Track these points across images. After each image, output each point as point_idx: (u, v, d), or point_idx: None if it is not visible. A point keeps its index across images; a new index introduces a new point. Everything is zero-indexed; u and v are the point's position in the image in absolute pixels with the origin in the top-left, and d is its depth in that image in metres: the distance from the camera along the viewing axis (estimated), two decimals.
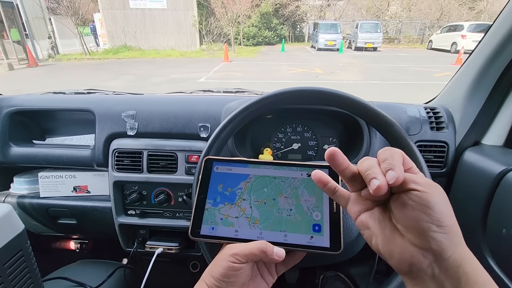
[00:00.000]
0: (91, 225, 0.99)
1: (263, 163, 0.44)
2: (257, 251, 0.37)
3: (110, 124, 0.89)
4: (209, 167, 0.44)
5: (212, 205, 0.42)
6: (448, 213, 0.27)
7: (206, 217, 0.41)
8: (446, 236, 0.27)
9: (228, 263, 0.36)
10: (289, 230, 0.40)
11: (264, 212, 0.41)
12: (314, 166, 0.43)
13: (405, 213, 0.28)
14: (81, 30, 11.63)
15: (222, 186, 0.43)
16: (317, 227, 0.40)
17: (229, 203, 0.42)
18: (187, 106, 0.90)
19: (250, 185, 0.42)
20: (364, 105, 0.57)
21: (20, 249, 0.62)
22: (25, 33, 10.39)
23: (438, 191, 0.28)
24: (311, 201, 0.41)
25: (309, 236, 0.40)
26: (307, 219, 0.40)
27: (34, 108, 0.95)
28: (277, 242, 0.39)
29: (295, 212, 0.41)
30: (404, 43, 18.04)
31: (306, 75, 7.71)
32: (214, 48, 13.37)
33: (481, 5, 17.41)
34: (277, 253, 0.37)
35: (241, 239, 0.39)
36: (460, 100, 0.82)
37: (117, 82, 6.73)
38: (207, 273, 0.38)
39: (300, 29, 20.16)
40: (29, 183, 0.98)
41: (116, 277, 0.93)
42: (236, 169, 0.44)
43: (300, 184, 0.42)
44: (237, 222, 0.41)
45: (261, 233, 0.40)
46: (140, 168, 0.86)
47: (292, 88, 0.59)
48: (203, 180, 0.43)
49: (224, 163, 0.44)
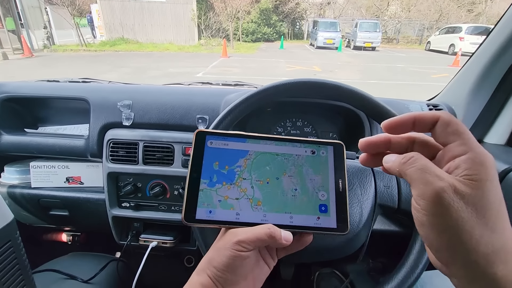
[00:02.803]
0: (83, 217, 0.97)
1: (264, 138, 0.39)
2: (265, 236, 0.33)
3: (105, 114, 0.87)
4: (202, 141, 0.38)
5: (208, 186, 0.37)
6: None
7: (201, 199, 0.36)
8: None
9: (234, 252, 0.33)
10: (294, 212, 0.37)
11: (267, 193, 0.38)
12: (318, 143, 0.40)
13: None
14: (78, 21, 11.46)
15: (219, 163, 0.38)
16: (324, 207, 0.38)
17: (227, 183, 0.37)
18: (185, 97, 0.88)
19: (250, 163, 0.38)
20: (367, 98, 0.55)
21: (9, 239, 0.59)
22: (20, 22, 10.20)
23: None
24: (316, 180, 0.39)
25: (316, 217, 0.38)
26: (313, 200, 0.38)
27: (27, 95, 0.92)
28: (283, 225, 0.36)
29: (301, 192, 0.38)
30: (403, 44, 18.09)
31: (304, 73, 7.69)
32: (213, 43, 13.27)
33: (479, 7, 17.51)
34: (285, 237, 0.35)
35: (243, 223, 0.36)
36: (463, 98, 0.81)
37: (114, 75, 6.65)
38: (207, 263, 0.34)
39: (299, 26, 20.10)
40: (20, 173, 0.95)
41: (108, 270, 0.91)
42: (233, 144, 0.39)
43: (305, 162, 0.39)
44: (238, 204, 0.37)
45: (265, 215, 0.37)
46: (136, 160, 0.84)
47: (293, 79, 0.57)
48: (195, 157, 0.37)
49: (219, 137, 0.39)
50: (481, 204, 0.23)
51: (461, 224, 0.22)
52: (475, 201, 0.23)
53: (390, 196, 0.59)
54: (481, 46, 0.79)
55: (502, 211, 0.23)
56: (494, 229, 0.22)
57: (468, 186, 0.23)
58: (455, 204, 0.23)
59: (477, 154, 0.24)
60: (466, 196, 0.23)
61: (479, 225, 0.22)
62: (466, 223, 0.22)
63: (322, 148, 0.40)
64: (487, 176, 0.23)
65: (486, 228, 0.22)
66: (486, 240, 0.22)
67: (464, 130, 0.25)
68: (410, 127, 0.28)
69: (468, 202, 0.23)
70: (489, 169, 0.23)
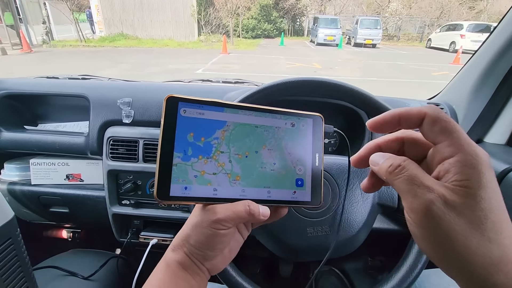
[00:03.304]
0: (84, 214, 0.97)
1: (243, 107, 0.36)
2: (244, 214, 0.33)
3: (105, 111, 0.86)
4: (174, 109, 0.33)
5: (182, 160, 0.33)
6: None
7: (175, 175, 0.33)
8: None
9: (214, 230, 0.32)
10: (273, 186, 0.37)
11: (246, 167, 0.36)
12: (298, 114, 0.39)
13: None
14: (77, 16, 11.37)
15: (194, 135, 0.34)
16: (300, 181, 0.38)
17: (204, 157, 0.34)
18: (185, 95, 0.87)
19: (228, 134, 0.35)
20: (368, 97, 0.55)
21: (10, 237, 0.59)
22: (19, 17, 10.12)
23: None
24: (294, 154, 0.38)
25: (292, 191, 0.38)
26: (291, 174, 0.38)
27: (26, 92, 0.91)
28: (261, 200, 0.36)
29: (279, 166, 0.37)
30: (403, 41, 18.03)
31: (304, 70, 7.66)
32: (213, 39, 13.20)
33: (481, 5, 17.43)
34: (263, 212, 0.34)
35: (221, 199, 0.34)
36: (464, 97, 0.81)
37: (113, 71, 6.62)
38: (184, 240, 0.34)
39: (300, 23, 20.00)
40: (20, 170, 0.95)
41: (108, 267, 0.91)
42: (209, 113, 0.35)
43: (284, 134, 0.38)
44: (216, 180, 0.34)
45: (243, 190, 0.35)
46: (136, 157, 0.84)
47: (294, 78, 0.57)
48: (167, 127, 0.33)
49: (193, 104, 0.34)
50: (475, 214, 0.21)
51: (453, 236, 0.21)
52: (468, 211, 0.21)
53: (390, 195, 0.59)
54: (483, 45, 0.79)
55: (501, 218, 0.21)
56: (492, 239, 0.21)
57: (459, 195, 0.21)
58: (446, 217, 0.21)
59: (467, 156, 0.22)
60: (457, 206, 0.21)
61: (475, 236, 0.21)
62: (459, 235, 0.21)
63: (302, 121, 0.39)
64: (479, 181, 0.21)
65: (482, 239, 0.21)
66: (483, 251, 0.21)
67: (452, 127, 0.23)
68: (396, 125, 0.27)
69: (460, 213, 0.21)
70: (481, 172, 0.21)
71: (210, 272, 0.36)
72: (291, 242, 0.56)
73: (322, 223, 0.56)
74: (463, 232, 0.21)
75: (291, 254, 0.59)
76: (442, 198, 0.22)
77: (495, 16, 15.73)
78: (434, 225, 0.22)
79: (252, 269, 1.13)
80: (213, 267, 0.36)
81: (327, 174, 0.57)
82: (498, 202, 0.22)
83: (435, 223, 0.22)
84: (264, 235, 0.58)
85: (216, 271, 0.37)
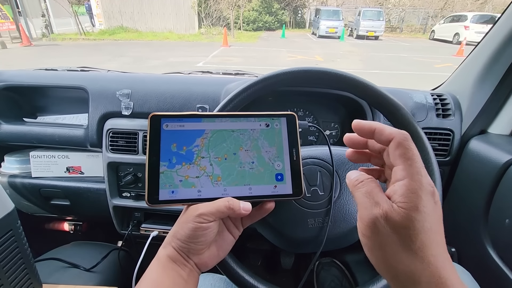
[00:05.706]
0: (85, 207, 0.97)
1: (218, 116, 0.41)
2: (224, 208, 0.36)
3: (104, 103, 0.86)
4: (157, 125, 0.39)
5: (167, 167, 0.38)
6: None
7: (163, 181, 0.38)
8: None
9: (196, 224, 0.35)
10: (253, 183, 0.40)
11: (226, 168, 0.40)
12: (271, 115, 0.42)
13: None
14: (76, 9, 11.25)
15: (176, 145, 0.39)
16: (280, 176, 0.41)
17: (187, 163, 0.39)
18: (185, 86, 0.86)
19: (207, 141, 0.40)
20: (370, 87, 0.54)
21: (10, 229, 0.59)
22: (18, 10, 10.04)
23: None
24: (272, 152, 0.41)
25: (273, 186, 0.40)
26: (270, 170, 0.41)
27: (24, 84, 0.91)
28: (243, 196, 0.39)
29: (258, 164, 0.40)
30: (406, 33, 17.79)
31: (306, 63, 7.60)
32: (213, 32, 13.07)
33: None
34: (244, 207, 0.37)
35: (205, 199, 0.38)
36: (468, 87, 0.80)
37: (113, 64, 6.58)
38: (172, 237, 0.37)
39: (301, 15, 19.74)
40: (20, 163, 0.95)
41: (110, 259, 0.92)
42: (189, 125, 0.40)
43: (259, 135, 0.41)
44: (199, 182, 0.38)
45: (225, 189, 0.39)
46: (136, 150, 0.84)
47: (295, 68, 0.56)
48: (153, 141, 0.38)
49: (173, 119, 0.40)
50: (408, 233, 0.25)
51: (384, 247, 0.26)
52: (402, 230, 0.25)
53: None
54: (487, 35, 0.77)
55: (431, 239, 0.25)
56: (418, 255, 0.25)
57: (399, 215, 0.25)
58: (383, 230, 0.26)
59: (412, 182, 0.26)
60: (395, 224, 0.26)
61: (404, 250, 0.25)
62: (388, 246, 0.26)
63: (275, 121, 0.42)
64: (417, 205, 0.25)
65: (410, 253, 0.25)
66: (408, 263, 0.25)
67: (410, 156, 0.27)
68: (370, 135, 0.31)
69: (396, 230, 0.26)
70: (420, 198, 0.25)
71: (199, 266, 0.38)
72: (292, 233, 0.55)
73: (324, 214, 0.55)
74: (394, 245, 0.26)
75: (292, 245, 0.58)
76: (385, 215, 0.26)
77: (500, 7, 15.44)
78: (373, 236, 0.27)
79: (254, 261, 1.13)
80: (201, 261, 0.38)
81: (327, 165, 0.56)
82: (431, 224, 0.25)
83: (375, 234, 0.27)
84: (265, 227, 0.58)
85: (205, 267, 0.39)
